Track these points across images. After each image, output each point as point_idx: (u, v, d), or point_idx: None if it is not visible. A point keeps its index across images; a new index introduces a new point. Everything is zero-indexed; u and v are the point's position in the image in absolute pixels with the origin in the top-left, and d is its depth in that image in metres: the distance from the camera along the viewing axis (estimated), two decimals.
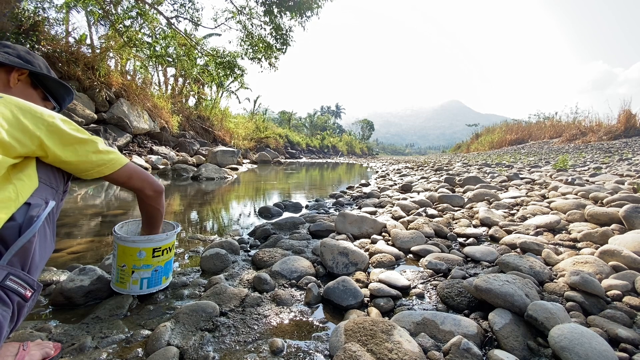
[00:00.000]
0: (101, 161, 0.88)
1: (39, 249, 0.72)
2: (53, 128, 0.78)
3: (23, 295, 0.66)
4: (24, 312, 0.69)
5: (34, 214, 0.70)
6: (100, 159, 0.87)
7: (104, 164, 0.88)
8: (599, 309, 1.10)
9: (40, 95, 0.96)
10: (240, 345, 0.97)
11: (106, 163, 0.89)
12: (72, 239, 2.17)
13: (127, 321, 1.11)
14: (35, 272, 0.72)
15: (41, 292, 1.30)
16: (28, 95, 0.92)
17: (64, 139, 0.80)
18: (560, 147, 13.57)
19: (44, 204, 0.74)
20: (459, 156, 18.49)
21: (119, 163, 0.92)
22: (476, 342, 0.95)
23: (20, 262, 0.67)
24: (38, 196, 0.74)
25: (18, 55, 0.91)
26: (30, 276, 0.68)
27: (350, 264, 1.55)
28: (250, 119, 22.47)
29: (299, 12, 7.50)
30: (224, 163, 9.23)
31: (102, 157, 0.88)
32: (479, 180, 4.31)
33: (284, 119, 39.20)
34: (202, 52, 9.61)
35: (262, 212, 3.23)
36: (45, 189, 0.77)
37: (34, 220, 0.69)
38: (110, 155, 0.90)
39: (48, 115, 0.79)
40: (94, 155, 0.86)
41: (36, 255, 0.71)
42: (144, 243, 1.23)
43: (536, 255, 1.62)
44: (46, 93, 0.98)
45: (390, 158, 28.77)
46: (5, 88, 0.87)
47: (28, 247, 0.67)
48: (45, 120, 0.77)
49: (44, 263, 0.77)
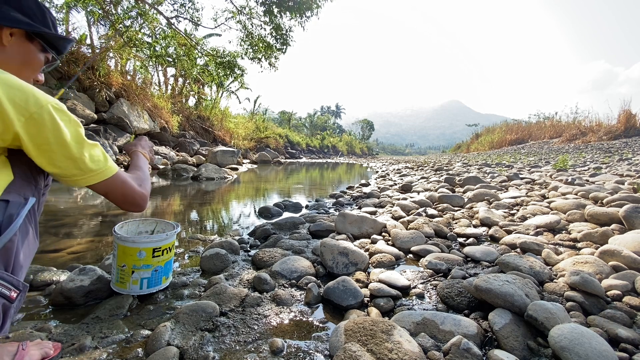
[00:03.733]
0: (81, 170, 0.75)
1: (22, 249, 0.68)
2: (36, 119, 0.67)
3: (8, 296, 0.64)
4: (10, 314, 0.67)
5: (13, 212, 0.66)
6: (78, 168, 0.75)
7: (83, 174, 0.76)
8: (599, 309, 1.10)
9: (38, 47, 0.83)
10: (240, 345, 0.97)
11: (86, 174, 0.76)
12: (72, 239, 2.17)
13: (127, 321, 1.11)
14: (19, 272, 0.69)
15: (41, 292, 1.30)
16: (24, 52, 0.80)
17: (42, 135, 0.68)
18: (560, 147, 13.57)
19: (23, 201, 0.69)
20: (459, 156, 18.49)
21: (103, 176, 0.80)
22: (476, 342, 0.95)
23: (3, 262, 0.64)
24: (15, 192, 0.68)
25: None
26: (14, 277, 0.66)
27: (350, 264, 1.55)
28: (250, 119, 22.46)
29: (298, 12, 7.49)
30: (224, 163, 9.23)
31: (83, 166, 0.75)
32: (479, 180, 4.31)
33: (284, 119, 39.19)
34: (202, 52, 9.61)
35: (262, 212, 3.23)
36: (21, 183, 0.71)
37: (14, 219, 0.65)
38: (95, 164, 0.78)
39: (35, 102, 0.67)
40: (73, 161, 0.73)
41: (20, 255, 0.68)
42: (144, 243, 1.23)
43: (536, 255, 1.62)
44: (44, 44, 0.84)
45: (390, 158, 28.77)
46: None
47: (10, 247, 0.65)
48: (28, 110, 0.66)
49: (29, 262, 0.74)
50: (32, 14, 0.79)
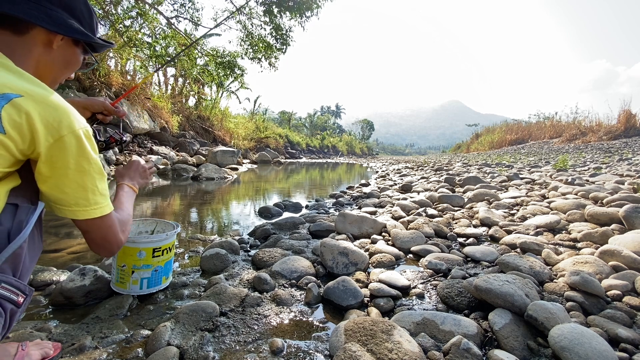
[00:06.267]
0: (83, 202, 0.70)
1: (28, 253, 0.68)
2: (64, 143, 0.65)
3: (15, 301, 0.64)
4: (16, 318, 0.67)
5: (22, 219, 0.65)
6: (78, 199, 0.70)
7: (85, 206, 0.71)
8: (599, 309, 1.10)
9: (80, 50, 0.82)
10: (240, 345, 0.97)
11: (88, 206, 0.71)
12: (72, 239, 2.17)
13: (127, 321, 1.11)
14: (25, 276, 0.69)
15: (41, 292, 1.30)
16: (69, 54, 0.79)
17: (64, 159, 0.65)
18: (560, 147, 13.57)
19: (32, 206, 0.68)
20: (459, 156, 18.49)
21: (100, 212, 0.74)
22: (476, 342, 0.95)
23: (11, 268, 0.64)
24: (23, 196, 0.67)
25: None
26: (21, 282, 0.66)
27: (350, 264, 1.55)
28: (250, 119, 22.46)
29: (298, 12, 7.50)
30: (224, 163, 9.22)
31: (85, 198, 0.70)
32: (479, 180, 4.31)
33: (284, 119, 39.20)
34: (202, 52, 9.61)
35: (262, 212, 3.23)
36: (29, 187, 0.69)
37: (23, 226, 0.65)
38: (101, 198, 0.73)
39: (67, 125, 0.65)
40: (84, 191, 0.70)
41: (26, 260, 0.68)
42: (144, 243, 1.23)
43: (536, 255, 1.62)
44: (86, 46, 0.83)
45: (390, 158, 28.77)
46: (46, 49, 0.74)
47: (19, 253, 0.64)
48: (59, 132, 0.64)
49: (34, 265, 0.73)
50: (82, 17, 0.78)
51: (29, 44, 0.71)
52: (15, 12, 0.67)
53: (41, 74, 0.71)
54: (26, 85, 0.63)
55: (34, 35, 0.71)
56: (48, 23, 0.71)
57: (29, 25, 0.70)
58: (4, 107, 0.59)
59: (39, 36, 0.72)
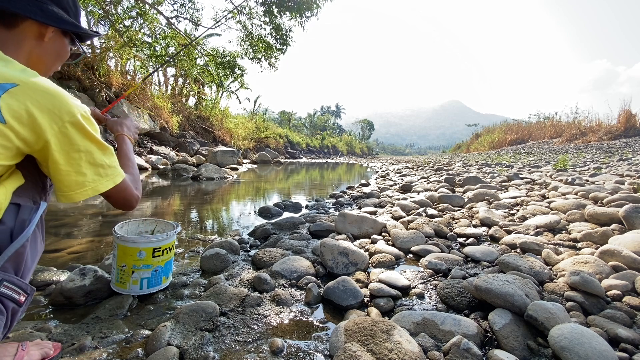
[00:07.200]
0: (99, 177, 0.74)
1: (30, 252, 0.69)
2: (69, 128, 0.67)
3: (17, 300, 0.65)
4: (17, 317, 0.68)
5: (25, 218, 0.66)
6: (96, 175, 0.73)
7: (99, 181, 0.74)
8: (599, 309, 1.10)
9: (69, 40, 0.84)
10: (240, 345, 0.97)
11: (102, 179, 0.74)
12: (72, 239, 2.17)
13: (127, 321, 1.11)
14: (27, 275, 0.70)
15: (41, 292, 1.30)
16: (59, 46, 0.81)
17: (74, 143, 0.68)
18: (560, 147, 13.57)
19: (34, 205, 0.69)
20: (459, 156, 18.49)
21: (115, 182, 0.77)
22: (476, 342, 0.95)
23: (14, 267, 0.65)
24: (26, 195, 0.68)
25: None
26: (23, 281, 0.67)
27: (350, 264, 1.55)
28: (250, 119, 22.47)
29: (298, 12, 7.50)
30: (224, 163, 9.22)
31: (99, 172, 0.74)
32: (479, 180, 4.31)
33: (284, 119, 39.21)
34: (202, 52, 9.61)
35: (262, 212, 3.23)
36: (31, 187, 0.70)
37: (26, 225, 0.66)
38: (112, 170, 0.77)
39: (67, 111, 0.66)
40: (95, 167, 0.72)
41: (28, 259, 0.68)
42: (144, 243, 1.23)
43: (536, 255, 1.62)
44: (74, 36, 0.85)
45: (390, 158, 28.77)
46: (37, 42, 0.75)
47: (21, 252, 0.65)
48: (62, 119, 0.65)
49: (36, 264, 0.74)
50: (69, 7, 0.80)
51: (20, 38, 0.72)
52: (13, 7, 0.68)
53: (33, 66, 0.71)
54: (20, 74, 0.64)
55: (24, 29, 0.73)
56: (42, 16, 0.73)
57: (19, 19, 0.71)
58: (2, 97, 0.59)
59: (30, 29, 0.73)
